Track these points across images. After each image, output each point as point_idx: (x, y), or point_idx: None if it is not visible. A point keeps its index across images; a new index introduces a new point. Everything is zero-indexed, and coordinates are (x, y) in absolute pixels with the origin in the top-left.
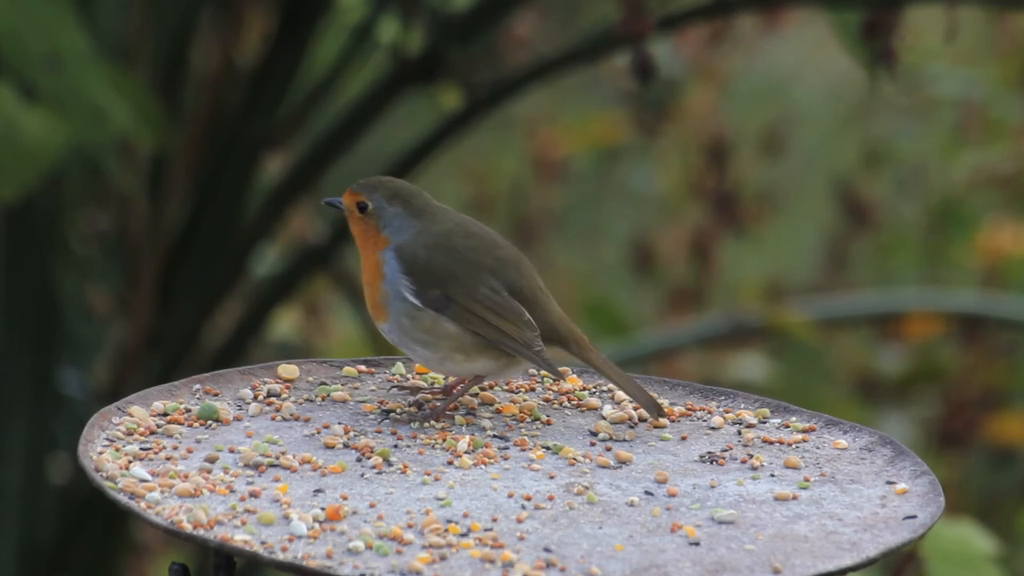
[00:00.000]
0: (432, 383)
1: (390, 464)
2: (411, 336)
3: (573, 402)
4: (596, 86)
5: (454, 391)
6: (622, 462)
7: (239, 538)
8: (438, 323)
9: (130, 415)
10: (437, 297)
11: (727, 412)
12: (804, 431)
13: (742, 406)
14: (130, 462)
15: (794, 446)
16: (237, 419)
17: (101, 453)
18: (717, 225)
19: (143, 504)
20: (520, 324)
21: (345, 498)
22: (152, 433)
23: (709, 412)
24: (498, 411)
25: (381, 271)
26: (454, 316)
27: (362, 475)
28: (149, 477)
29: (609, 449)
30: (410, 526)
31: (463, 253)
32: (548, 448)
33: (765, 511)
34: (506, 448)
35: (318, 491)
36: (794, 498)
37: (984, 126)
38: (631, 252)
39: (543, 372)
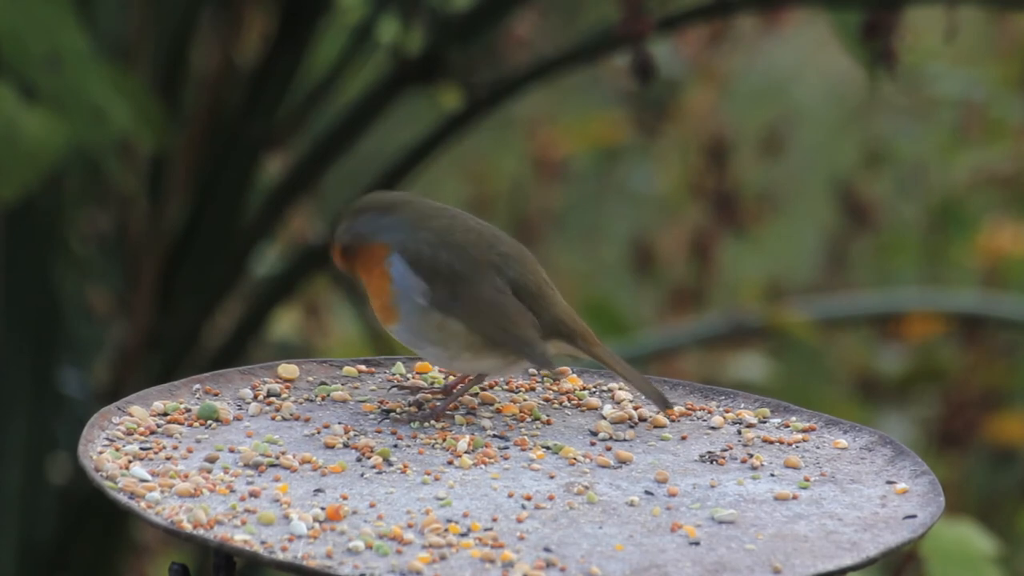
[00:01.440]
0: (432, 383)
1: (390, 464)
2: (421, 336)
3: (573, 402)
4: (596, 86)
5: (454, 391)
6: (622, 462)
7: (239, 538)
8: (446, 322)
9: (130, 415)
10: (444, 296)
11: (727, 412)
12: (804, 431)
13: (742, 406)
14: (130, 462)
15: (794, 446)
16: (237, 419)
17: (101, 453)
18: (717, 225)
19: (143, 504)
20: (524, 324)
21: (345, 498)
22: (152, 433)
23: (709, 412)
24: (498, 411)
25: (388, 275)
26: (460, 315)
27: (362, 475)
28: (149, 477)
29: (609, 449)
30: (410, 526)
31: (467, 250)
32: (548, 448)
33: (765, 511)
34: (506, 448)
35: (318, 491)
36: (794, 498)
37: (984, 126)
38: (631, 252)
39: (543, 372)
